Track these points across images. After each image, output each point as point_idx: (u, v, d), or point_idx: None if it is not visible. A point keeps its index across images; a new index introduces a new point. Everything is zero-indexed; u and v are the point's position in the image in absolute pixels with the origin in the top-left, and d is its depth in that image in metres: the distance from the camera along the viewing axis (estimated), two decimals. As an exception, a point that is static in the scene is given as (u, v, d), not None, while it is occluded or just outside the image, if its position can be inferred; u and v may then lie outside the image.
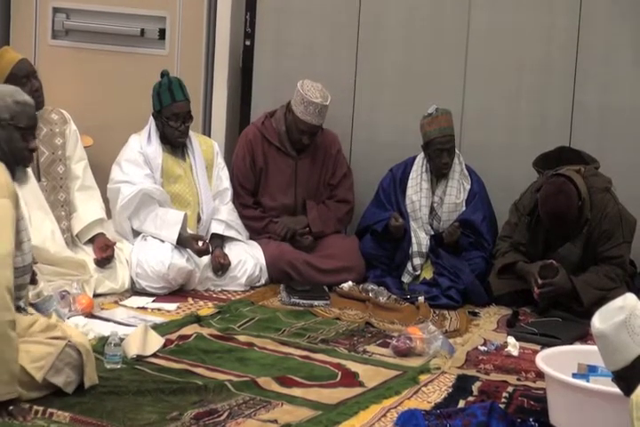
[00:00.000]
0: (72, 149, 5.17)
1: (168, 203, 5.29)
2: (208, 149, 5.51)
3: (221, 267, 5.23)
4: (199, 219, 5.39)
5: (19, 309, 3.60)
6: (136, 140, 5.36)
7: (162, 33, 6.07)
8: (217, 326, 4.56)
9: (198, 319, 4.62)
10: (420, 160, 5.51)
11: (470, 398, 3.82)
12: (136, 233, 5.25)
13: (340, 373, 4.03)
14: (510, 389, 3.94)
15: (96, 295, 4.84)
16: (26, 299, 3.77)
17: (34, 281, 4.51)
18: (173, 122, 5.29)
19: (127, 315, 4.67)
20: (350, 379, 3.98)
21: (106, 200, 5.30)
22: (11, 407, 3.37)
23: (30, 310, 3.79)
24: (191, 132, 5.46)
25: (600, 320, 2.92)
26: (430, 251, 5.37)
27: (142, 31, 6.09)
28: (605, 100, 5.57)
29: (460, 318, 4.92)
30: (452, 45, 5.76)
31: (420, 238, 5.40)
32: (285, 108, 5.61)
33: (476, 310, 5.07)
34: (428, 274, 5.34)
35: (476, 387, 3.94)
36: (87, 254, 5.01)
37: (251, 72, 6.07)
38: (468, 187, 5.48)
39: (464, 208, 5.45)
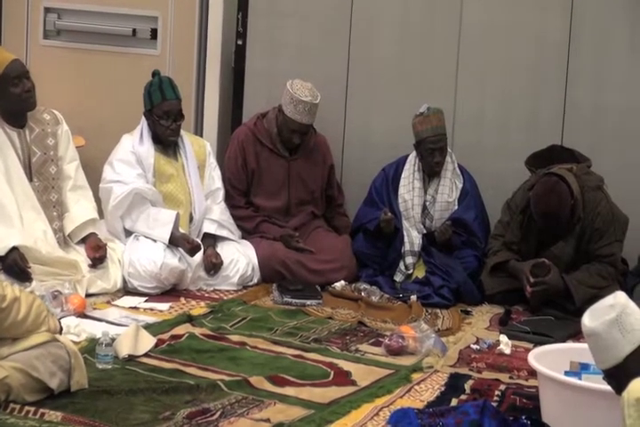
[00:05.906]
0: (64, 149, 5.15)
1: (160, 202, 5.28)
2: (200, 149, 5.51)
3: (214, 266, 5.22)
4: (191, 218, 5.38)
5: None
6: (128, 140, 5.35)
7: (154, 33, 6.07)
8: (209, 325, 4.56)
9: (190, 319, 4.61)
10: (412, 159, 5.50)
11: (463, 397, 3.82)
12: (128, 233, 5.24)
13: (332, 372, 4.03)
14: (503, 387, 3.94)
15: (88, 295, 4.82)
16: None
17: (27, 279, 4.51)
18: (164, 120, 5.28)
19: (119, 315, 4.66)
20: (343, 378, 3.98)
21: (98, 200, 5.28)
22: None
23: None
24: (183, 132, 5.45)
25: (591, 318, 2.90)
26: (422, 250, 5.36)
27: (134, 31, 6.08)
28: (597, 98, 5.56)
29: (453, 317, 4.91)
30: (444, 45, 5.74)
31: (413, 237, 5.39)
32: (277, 110, 5.61)
33: (469, 309, 5.07)
34: (420, 273, 5.34)
35: (468, 385, 3.94)
36: (79, 254, 4.99)
37: (243, 72, 6.05)
38: (460, 185, 5.47)
39: (456, 207, 5.44)
